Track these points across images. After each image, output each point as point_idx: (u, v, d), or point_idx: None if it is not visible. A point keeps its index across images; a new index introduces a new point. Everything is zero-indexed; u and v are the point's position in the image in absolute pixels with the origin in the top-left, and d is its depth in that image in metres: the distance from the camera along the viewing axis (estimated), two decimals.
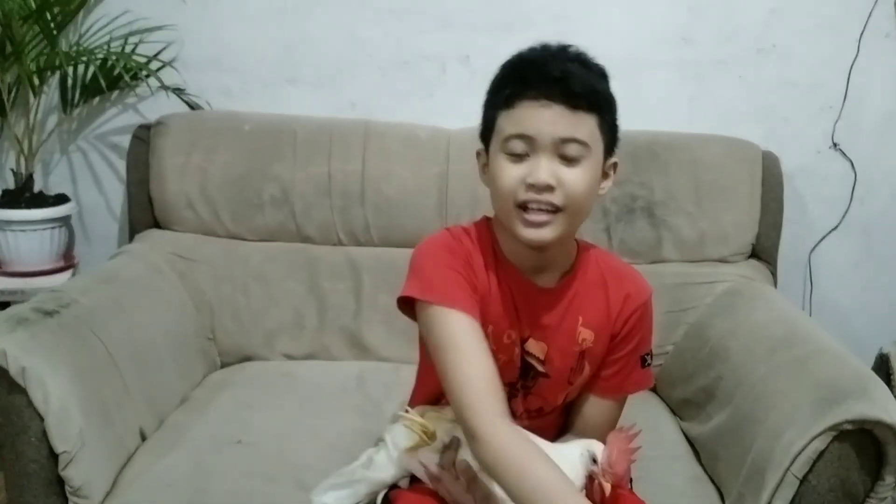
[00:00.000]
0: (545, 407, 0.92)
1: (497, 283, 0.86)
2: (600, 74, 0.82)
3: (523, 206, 0.79)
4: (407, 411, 0.89)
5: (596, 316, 0.88)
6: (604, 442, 0.82)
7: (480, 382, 0.77)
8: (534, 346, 0.88)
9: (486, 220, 0.90)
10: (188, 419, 1.12)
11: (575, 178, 0.79)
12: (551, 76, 0.77)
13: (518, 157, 0.79)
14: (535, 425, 0.91)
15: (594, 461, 0.80)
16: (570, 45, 0.81)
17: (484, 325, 0.82)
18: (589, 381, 0.92)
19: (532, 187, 0.78)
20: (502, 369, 0.86)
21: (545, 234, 0.80)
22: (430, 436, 0.83)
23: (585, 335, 0.88)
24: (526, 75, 0.78)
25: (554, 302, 0.87)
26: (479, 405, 0.76)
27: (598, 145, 0.80)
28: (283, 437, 1.07)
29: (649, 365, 0.92)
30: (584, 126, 0.78)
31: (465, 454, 0.80)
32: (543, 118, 0.77)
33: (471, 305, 0.81)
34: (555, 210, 0.79)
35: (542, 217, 0.79)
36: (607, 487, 0.79)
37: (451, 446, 0.81)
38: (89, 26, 1.45)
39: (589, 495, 0.80)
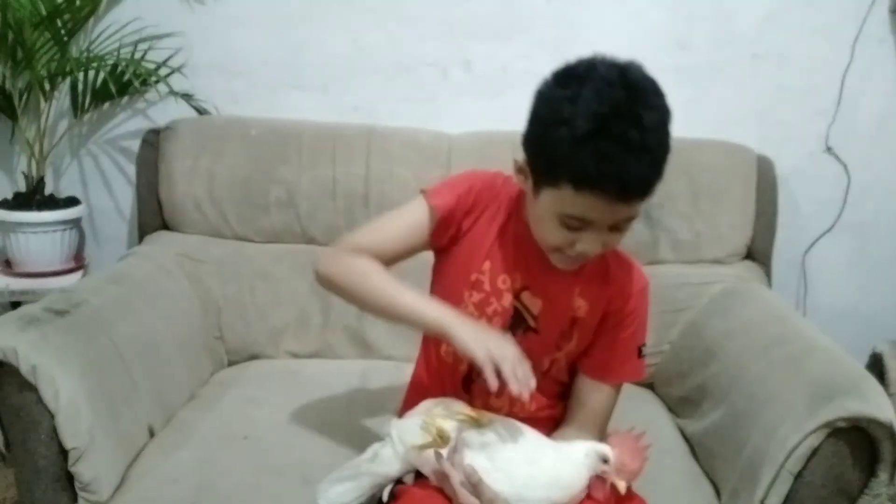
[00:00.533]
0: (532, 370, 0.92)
1: (511, 233, 0.89)
2: (666, 147, 0.76)
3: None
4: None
5: (593, 289, 0.90)
6: (603, 439, 0.83)
7: (377, 235, 0.90)
8: (529, 300, 0.90)
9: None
10: (195, 416, 1.13)
11: (619, 240, 0.83)
12: (628, 189, 0.74)
13: (572, 229, 0.80)
14: (529, 409, 0.92)
15: (604, 461, 0.80)
16: (648, 109, 0.74)
17: (481, 261, 0.89)
18: (585, 363, 0.93)
19: (580, 253, 0.81)
20: (492, 318, 0.89)
21: (576, 266, 0.87)
22: (445, 439, 0.83)
23: (580, 304, 0.90)
24: (604, 174, 0.73)
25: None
26: (352, 238, 0.91)
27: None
28: (288, 434, 1.08)
29: (644, 357, 0.94)
30: (641, 204, 0.79)
31: (471, 458, 0.81)
32: (608, 211, 0.77)
33: (442, 206, 0.88)
34: None
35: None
36: (622, 486, 0.80)
37: (459, 449, 0.81)
38: (99, 33, 1.48)
39: (592, 495, 0.82)
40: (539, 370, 0.92)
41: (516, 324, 0.91)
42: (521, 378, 0.77)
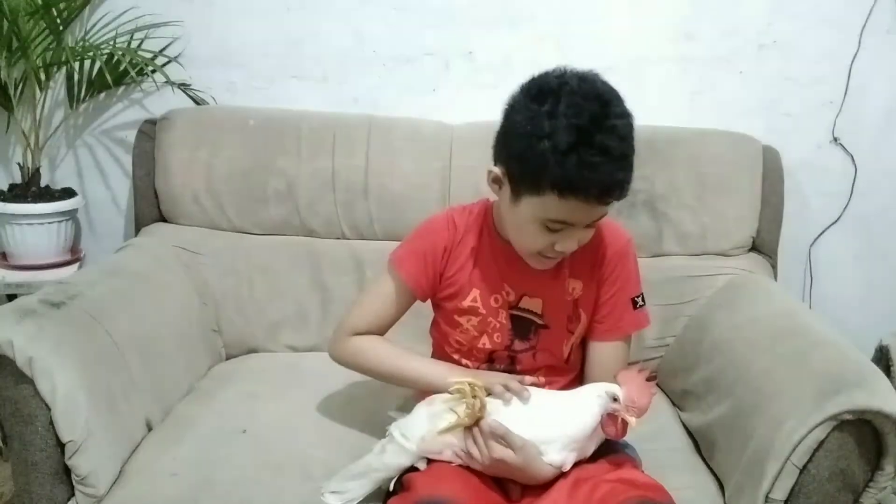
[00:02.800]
0: (554, 363, 0.99)
1: (487, 254, 0.97)
2: (634, 150, 0.85)
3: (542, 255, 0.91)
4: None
5: (581, 267, 0.97)
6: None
7: (366, 313, 1.00)
8: (529, 303, 0.97)
9: (488, 200, 1.01)
10: (194, 410, 1.12)
11: (591, 234, 0.91)
12: (610, 193, 0.83)
13: (552, 231, 0.87)
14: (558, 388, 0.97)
15: (615, 400, 0.85)
16: (619, 118, 0.82)
17: (468, 291, 0.97)
18: (588, 329, 0.99)
19: (559, 252, 0.89)
20: (492, 334, 0.96)
21: (552, 265, 0.93)
22: (480, 409, 0.86)
23: (574, 285, 0.97)
24: (588, 181, 0.81)
25: None
26: (348, 322, 1.00)
27: None
28: (287, 428, 1.07)
29: (641, 306, 0.99)
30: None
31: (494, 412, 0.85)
32: (589, 213, 0.86)
33: (411, 277, 0.97)
34: None
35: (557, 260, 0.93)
36: (632, 421, 0.84)
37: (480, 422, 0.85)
38: (95, 22, 1.46)
39: (605, 431, 0.87)
40: (561, 360, 1.00)
41: (524, 330, 0.97)
42: (514, 390, 0.89)
